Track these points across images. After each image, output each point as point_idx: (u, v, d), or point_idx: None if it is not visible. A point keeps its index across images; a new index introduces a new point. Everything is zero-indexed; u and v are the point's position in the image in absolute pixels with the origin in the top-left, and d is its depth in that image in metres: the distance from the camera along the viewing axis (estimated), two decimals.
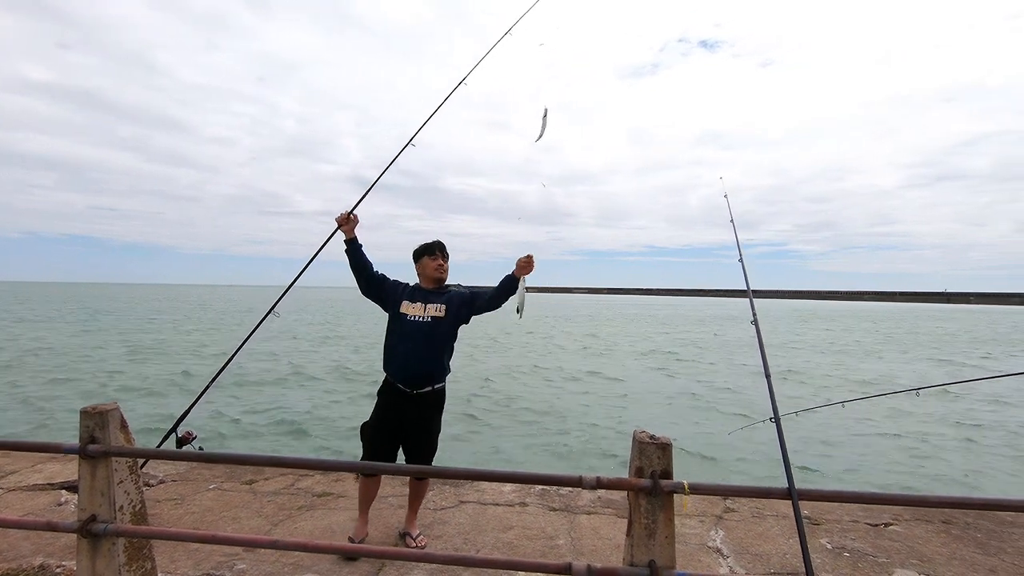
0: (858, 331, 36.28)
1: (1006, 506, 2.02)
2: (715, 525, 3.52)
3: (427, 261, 3.26)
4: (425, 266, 3.27)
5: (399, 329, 3.12)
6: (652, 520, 1.98)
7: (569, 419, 9.94)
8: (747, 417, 9.80)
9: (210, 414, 9.69)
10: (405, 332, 3.09)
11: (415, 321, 3.10)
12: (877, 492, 1.94)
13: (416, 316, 3.11)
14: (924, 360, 21.11)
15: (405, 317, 3.11)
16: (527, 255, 3.11)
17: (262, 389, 12.72)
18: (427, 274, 3.27)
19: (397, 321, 3.15)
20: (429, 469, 2.95)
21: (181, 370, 15.26)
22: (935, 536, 3.37)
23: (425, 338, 3.08)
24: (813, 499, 1.90)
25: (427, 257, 3.26)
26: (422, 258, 3.28)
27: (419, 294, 3.21)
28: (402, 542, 3.18)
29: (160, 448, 2.63)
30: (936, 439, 9.29)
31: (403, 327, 3.10)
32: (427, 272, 3.26)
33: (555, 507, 3.75)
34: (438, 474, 3.21)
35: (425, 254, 3.27)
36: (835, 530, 3.45)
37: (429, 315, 3.12)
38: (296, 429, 9.18)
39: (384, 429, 3.10)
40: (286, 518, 3.54)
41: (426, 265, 3.26)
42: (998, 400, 12.70)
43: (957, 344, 27.96)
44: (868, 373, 17.23)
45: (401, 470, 3.34)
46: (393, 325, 3.17)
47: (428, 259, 3.26)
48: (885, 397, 5.14)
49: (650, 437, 2.07)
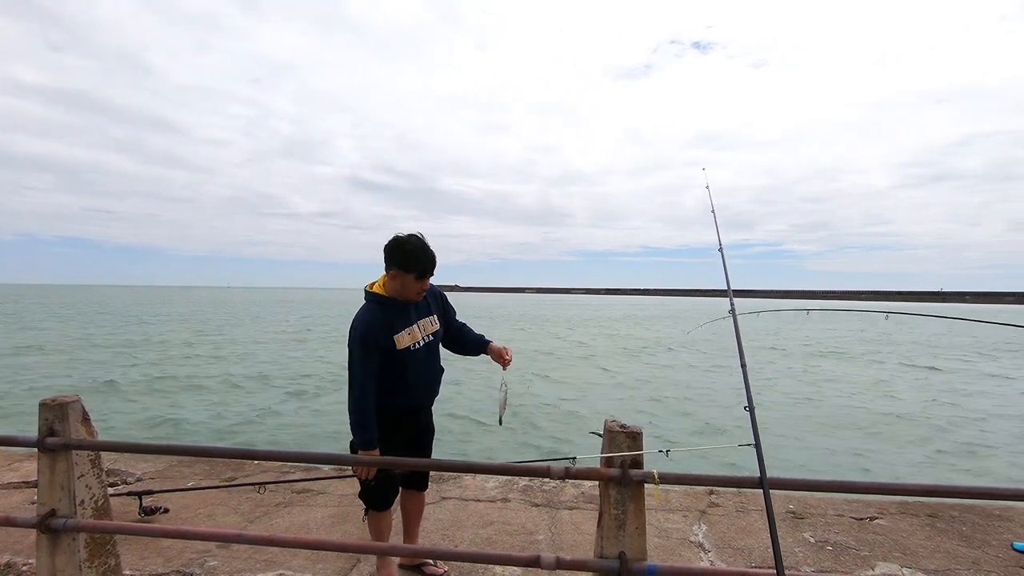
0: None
1: (986, 494, 1.98)
2: (699, 520, 3.48)
3: (411, 282, 2.49)
4: (407, 285, 2.50)
5: (403, 365, 2.51)
6: (622, 511, 1.94)
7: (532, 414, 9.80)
8: (686, 413, 9.78)
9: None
10: (409, 363, 2.52)
11: (418, 349, 2.56)
12: (854, 480, 1.90)
13: (416, 343, 2.55)
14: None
15: (408, 351, 2.52)
16: (507, 350, 2.72)
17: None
18: (404, 293, 2.53)
19: (400, 360, 2.50)
20: (410, 462, 2.47)
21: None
22: (920, 529, 3.34)
23: (433, 358, 2.67)
24: (785, 488, 1.86)
25: (413, 277, 2.48)
26: (405, 274, 2.47)
27: (401, 315, 2.54)
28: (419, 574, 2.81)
29: (124, 441, 2.56)
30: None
31: (406, 360, 2.51)
32: (406, 292, 2.52)
33: (537, 503, 3.70)
34: (413, 466, 2.77)
35: (412, 272, 2.47)
36: (819, 524, 3.41)
37: (428, 334, 2.62)
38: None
39: (394, 453, 2.55)
40: (263, 515, 3.49)
41: (408, 285, 2.50)
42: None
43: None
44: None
45: (402, 464, 2.51)
46: (392, 363, 2.49)
47: (414, 280, 2.49)
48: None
49: (620, 426, 2.02)
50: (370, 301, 2.56)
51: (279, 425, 9.11)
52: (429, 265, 2.49)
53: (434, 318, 2.68)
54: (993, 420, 10.10)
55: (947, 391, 13.09)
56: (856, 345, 24.57)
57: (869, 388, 13.30)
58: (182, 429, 8.80)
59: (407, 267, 2.45)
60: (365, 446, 2.42)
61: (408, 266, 2.45)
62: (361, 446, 2.42)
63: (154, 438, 8.39)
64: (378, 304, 2.52)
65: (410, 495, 2.81)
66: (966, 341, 27.62)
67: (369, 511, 2.64)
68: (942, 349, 23.41)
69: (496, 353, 2.72)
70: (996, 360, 19.58)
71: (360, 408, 2.42)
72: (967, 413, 10.61)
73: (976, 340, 28.33)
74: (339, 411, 9.69)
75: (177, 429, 8.81)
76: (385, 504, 2.63)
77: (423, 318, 2.62)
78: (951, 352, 22.25)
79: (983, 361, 19.29)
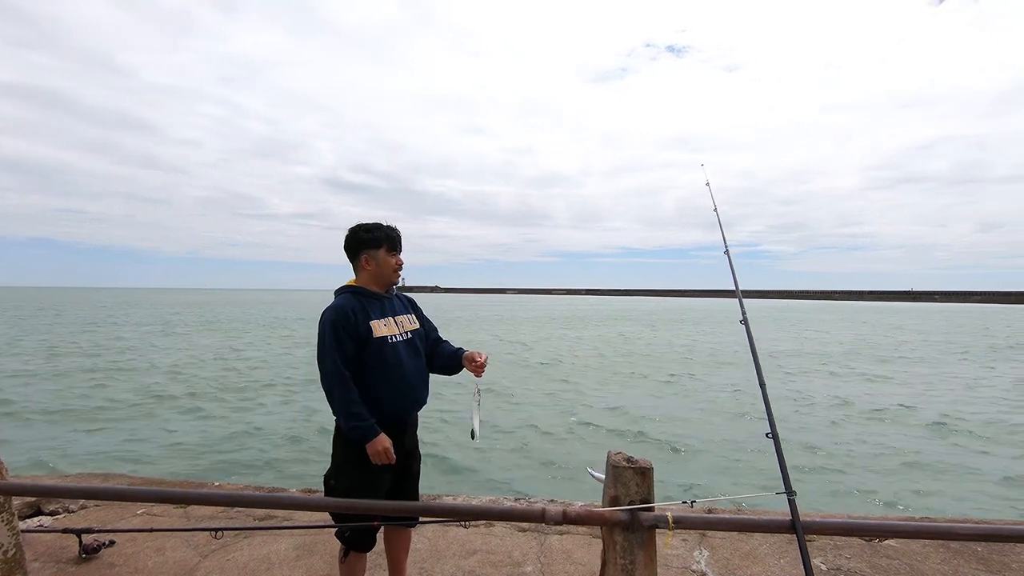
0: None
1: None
2: (699, 544, 3.21)
3: (384, 257, 2.31)
4: (382, 263, 2.31)
5: (382, 359, 2.23)
6: (630, 560, 1.65)
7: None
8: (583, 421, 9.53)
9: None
10: (390, 362, 2.24)
11: (396, 342, 2.29)
12: (886, 522, 1.64)
13: (395, 336, 2.30)
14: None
15: (386, 341, 2.25)
16: (480, 354, 2.43)
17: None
18: (382, 274, 2.33)
19: (377, 351, 2.22)
20: (391, 505, 2.14)
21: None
22: (934, 552, 3.12)
23: (415, 355, 2.38)
24: (821, 532, 1.59)
25: (384, 251, 2.31)
26: (375, 251, 2.30)
27: (376, 306, 2.31)
28: None
29: (38, 483, 2.20)
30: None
31: (385, 355, 2.24)
32: (383, 271, 2.32)
33: (524, 528, 3.40)
34: (406, 510, 2.23)
35: (383, 246, 2.30)
36: (828, 547, 3.17)
37: (407, 330, 2.37)
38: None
39: (379, 484, 2.23)
40: (220, 547, 3.13)
41: (383, 262, 2.31)
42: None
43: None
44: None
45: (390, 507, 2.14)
46: (372, 358, 2.22)
47: (386, 254, 2.31)
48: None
49: (627, 459, 1.73)
50: (343, 292, 2.34)
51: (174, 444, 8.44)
52: (396, 236, 2.36)
53: (412, 317, 2.48)
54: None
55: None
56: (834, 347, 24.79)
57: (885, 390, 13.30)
58: (135, 455, 7.95)
59: (376, 243, 2.31)
60: (367, 436, 2.12)
61: (377, 241, 2.31)
62: (362, 439, 2.13)
63: (86, 473, 7.17)
64: (352, 294, 2.32)
65: (396, 531, 2.50)
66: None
67: (350, 553, 2.29)
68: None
69: (469, 359, 2.43)
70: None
71: (344, 396, 2.14)
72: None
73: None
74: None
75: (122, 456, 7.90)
76: (370, 544, 2.31)
77: (401, 315, 2.42)
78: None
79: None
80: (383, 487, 2.25)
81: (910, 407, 11.43)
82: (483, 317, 50.07)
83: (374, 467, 2.18)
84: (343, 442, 2.24)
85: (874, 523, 1.61)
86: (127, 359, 18.26)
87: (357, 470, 2.19)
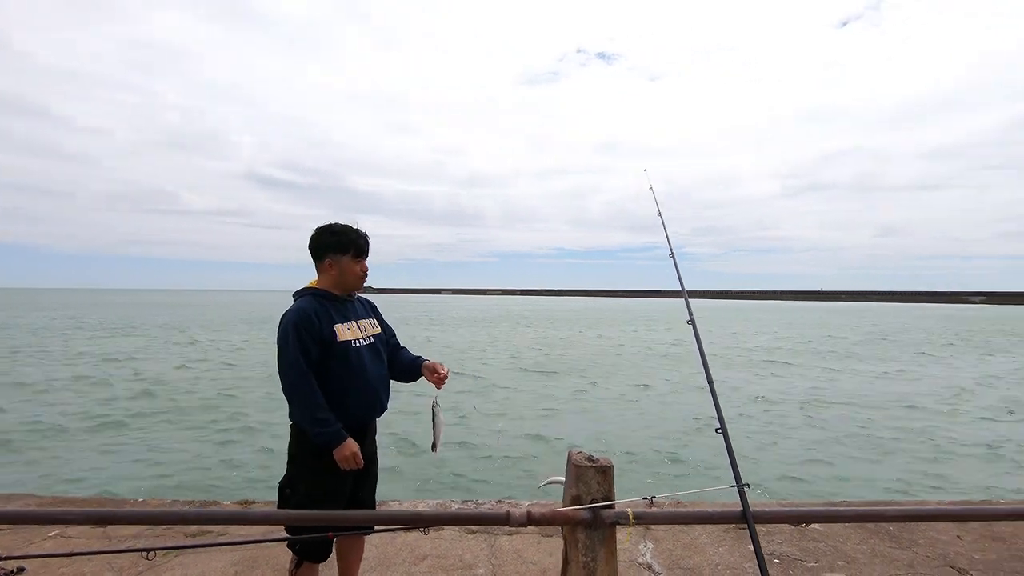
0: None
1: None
2: (643, 537, 3.32)
3: (348, 263, 2.24)
4: (346, 269, 2.24)
5: (346, 364, 2.17)
6: (592, 558, 1.69)
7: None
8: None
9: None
10: (355, 367, 2.19)
11: (360, 347, 2.24)
12: (834, 509, 1.77)
13: (358, 340, 2.25)
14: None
15: (350, 346, 2.19)
16: (441, 366, 2.40)
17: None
18: (345, 280, 2.27)
19: (341, 356, 2.16)
20: (358, 514, 2.10)
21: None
22: (853, 533, 3.38)
23: (378, 360, 2.33)
24: (772, 521, 1.69)
25: (350, 257, 2.24)
26: (340, 255, 2.23)
27: (339, 309, 2.25)
28: None
29: None
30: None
31: (350, 360, 2.18)
32: (346, 278, 2.26)
33: (473, 530, 3.38)
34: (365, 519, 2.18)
35: (349, 252, 2.24)
36: (762, 533, 3.35)
37: (369, 334, 2.33)
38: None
39: (341, 491, 2.17)
40: (147, 569, 2.91)
41: (347, 268, 2.24)
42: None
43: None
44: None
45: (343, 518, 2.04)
46: (336, 364, 2.15)
47: (351, 260, 2.25)
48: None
49: (588, 458, 1.77)
50: (304, 295, 2.25)
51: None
52: (363, 242, 2.29)
53: (374, 321, 2.44)
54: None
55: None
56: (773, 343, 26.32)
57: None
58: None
59: (343, 247, 2.24)
60: (334, 441, 2.06)
61: (344, 246, 2.24)
62: (329, 444, 2.06)
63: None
64: (314, 296, 2.24)
65: (349, 539, 2.40)
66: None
67: (303, 563, 2.18)
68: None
69: (430, 369, 2.40)
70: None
71: (310, 401, 2.06)
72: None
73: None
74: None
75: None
76: (325, 554, 2.21)
77: (363, 319, 2.36)
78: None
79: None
80: (346, 492, 2.18)
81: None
82: (410, 318, 49.32)
83: (338, 472, 2.11)
84: (306, 449, 2.13)
85: (819, 510, 1.73)
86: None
87: (320, 476, 2.12)
